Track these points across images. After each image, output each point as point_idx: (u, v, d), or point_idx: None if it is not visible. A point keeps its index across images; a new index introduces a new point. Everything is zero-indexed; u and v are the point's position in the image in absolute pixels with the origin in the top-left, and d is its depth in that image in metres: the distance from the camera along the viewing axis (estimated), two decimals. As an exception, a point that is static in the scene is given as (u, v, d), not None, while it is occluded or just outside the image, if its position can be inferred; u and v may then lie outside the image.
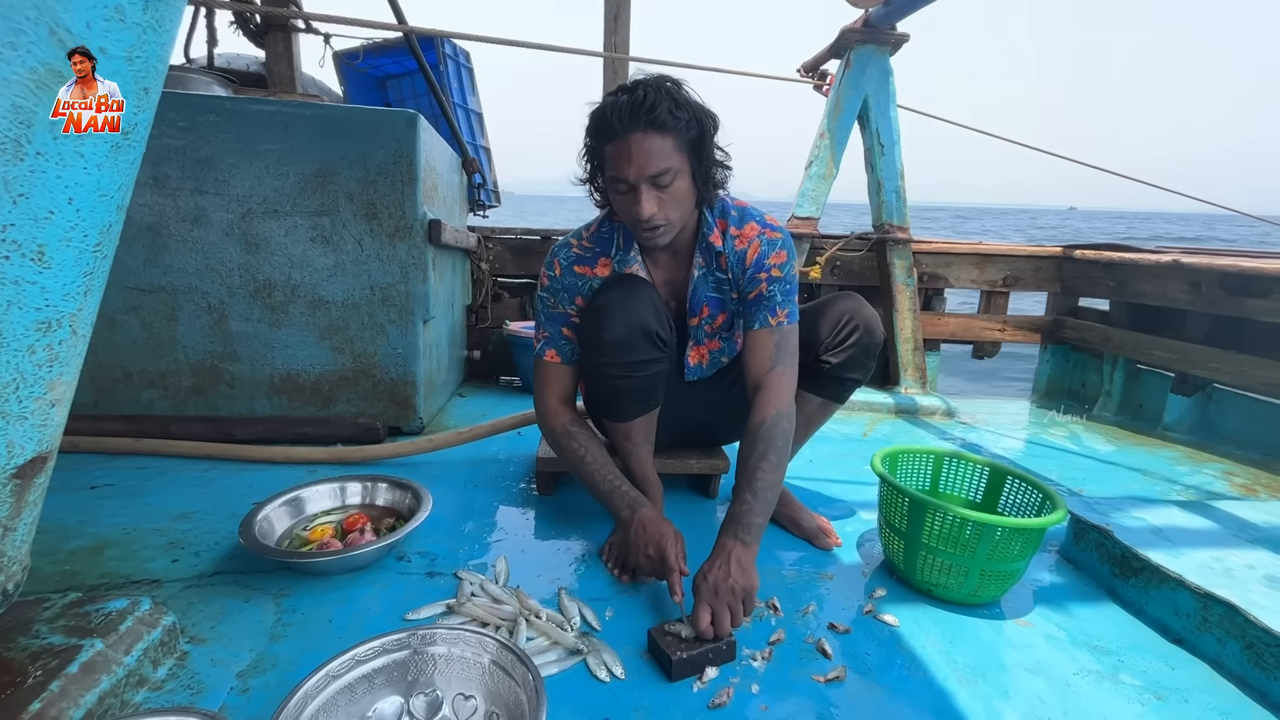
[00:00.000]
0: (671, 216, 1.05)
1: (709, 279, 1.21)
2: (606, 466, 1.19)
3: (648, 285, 1.17)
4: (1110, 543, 1.20)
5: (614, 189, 1.06)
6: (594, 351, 1.15)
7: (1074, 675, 0.97)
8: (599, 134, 1.03)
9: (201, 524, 1.30)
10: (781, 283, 1.16)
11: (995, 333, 2.77)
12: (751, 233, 1.18)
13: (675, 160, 1.01)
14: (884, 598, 1.14)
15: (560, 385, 1.26)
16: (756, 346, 1.16)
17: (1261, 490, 1.78)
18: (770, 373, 1.14)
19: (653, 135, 0.98)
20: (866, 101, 2.46)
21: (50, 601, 0.89)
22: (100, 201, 0.64)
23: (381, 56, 3.09)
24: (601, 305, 1.13)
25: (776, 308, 1.16)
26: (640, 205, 1.02)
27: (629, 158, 1.00)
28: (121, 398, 1.77)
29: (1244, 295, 2.01)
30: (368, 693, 0.78)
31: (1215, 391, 2.23)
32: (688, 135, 1.02)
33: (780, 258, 1.17)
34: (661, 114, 0.98)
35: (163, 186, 1.67)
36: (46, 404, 0.66)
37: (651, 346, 1.14)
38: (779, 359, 1.15)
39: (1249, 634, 0.95)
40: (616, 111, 0.99)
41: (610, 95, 1.03)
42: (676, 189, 1.03)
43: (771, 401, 1.12)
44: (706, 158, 1.06)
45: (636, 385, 1.17)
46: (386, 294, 1.81)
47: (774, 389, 1.13)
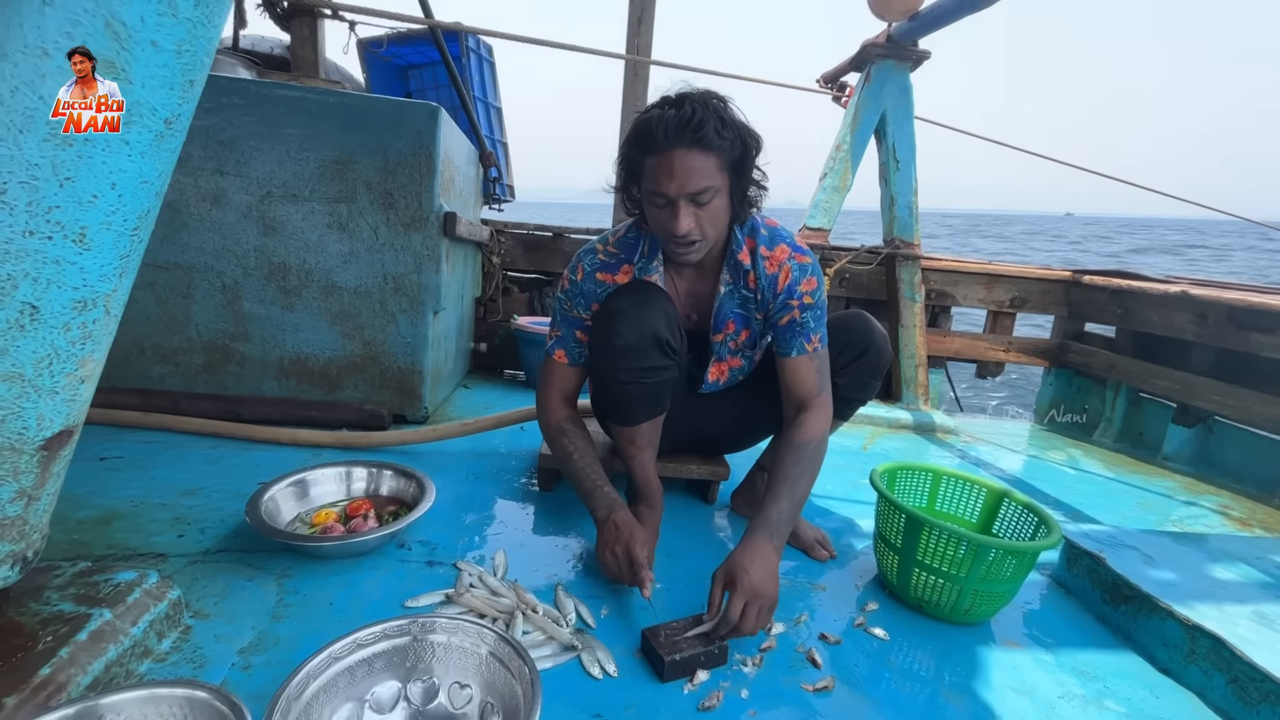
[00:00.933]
0: (708, 234, 1.05)
1: (735, 296, 1.20)
2: (592, 466, 1.20)
3: (661, 293, 1.17)
4: (1102, 570, 1.21)
5: (651, 202, 1.05)
6: (604, 355, 1.16)
7: (1059, 698, 0.98)
8: (641, 145, 1.02)
9: (208, 500, 1.32)
10: (814, 309, 1.17)
11: (1000, 353, 2.78)
12: (782, 255, 1.17)
13: (717, 179, 1.00)
14: (876, 611, 1.15)
15: (564, 384, 1.27)
16: (799, 373, 1.18)
17: (1256, 526, 1.78)
18: (818, 397, 1.18)
19: (697, 153, 0.98)
20: (884, 116, 2.47)
21: (61, 569, 0.91)
22: (141, 188, 0.66)
23: (405, 46, 3.12)
24: (615, 310, 1.14)
25: (811, 334, 1.17)
26: (678, 221, 1.01)
27: (671, 173, 0.99)
28: (133, 371, 1.79)
29: (1250, 330, 2.01)
30: (367, 676, 0.80)
31: (1216, 424, 2.24)
32: (730, 155, 1.01)
33: (811, 284, 1.16)
34: (708, 133, 0.97)
35: (184, 166, 1.68)
36: (77, 380, 0.68)
37: (661, 354, 1.15)
38: (822, 385, 1.18)
39: (1235, 668, 0.96)
40: (663, 125, 0.97)
41: (655, 107, 1.02)
42: (714, 207, 1.03)
43: (818, 424, 1.15)
44: (746, 177, 1.06)
45: (644, 391, 1.18)
46: (399, 283, 1.83)
47: (820, 412, 1.17)
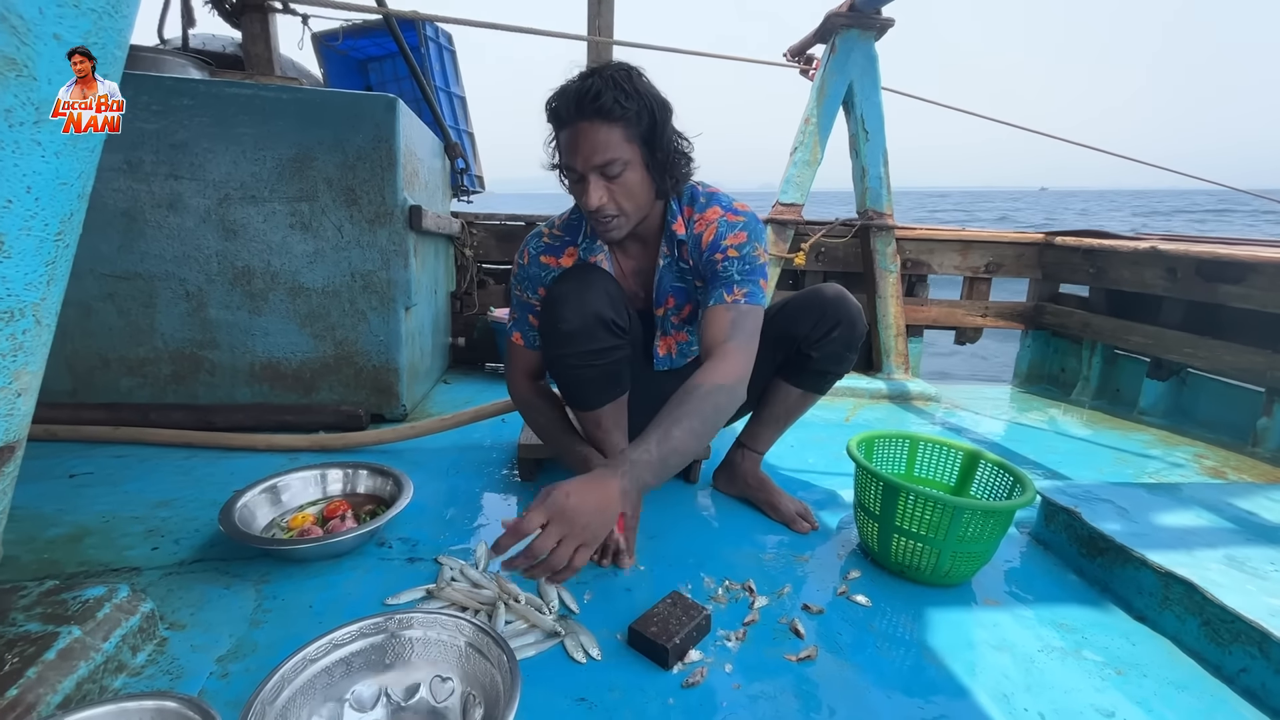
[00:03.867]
0: (624, 207, 1.05)
1: (673, 269, 1.20)
2: (560, 428, 1.27)
3: (602, 274, 1.16)
4: (1078, 524, 1.23)
5: (566, 177, 1.06)
6: (553, 342, 1.14)
7: (1038, 652, 1.00)
8: (553, 120, 1.03)
9: (182, 511, 1.30)
10: (739, 262, 1.12)
11: (977, 319, 2.80)
12: (713, 215, 1.16)
13: (624, 151, 1.00)
14: (858, 579, 1.16)
15: (526, 364, 1.31)
16: (711, 322, 1.09)
17: (1230, 472, 1.82)
18: (723, 345, 1.06)
19: (599, 124, 0.98)
20: (851, 87, 2.45)
21: (27, 590, 0.89)
22: (60, 190, 0.64)
23: (362, 38, 3.04)
24: (557, 296, 1.13)
25: (734, 285, 1.10)
26: (588, 195, 1.02)
27: (576, 147, 1.00)
28: (100, 385, 1.75)
29: (1218, 281, 2.04)
30: (345, 676, 0.79)
31: (1189, 376, 2.28)
32: (638, 125, 1.00)
33: (738, 238, 1.12)
34: (606, 102, 0.96)
35: (137, 171, 1.64)
36: (12, 394, 0.66)
37: (609, 334, 1.13)
38: (733, 335, 1.07)
39: (1207, 611, 0.98)
40: (564, 99, 0.99)
41: (567, 82, 1.02)
42: (627, 180, 1.03)
43: (716, 370, 1.02)
44: (662, 148, 1.05)
45: (598, 373, 1.16)
46: (367, 280, 1.80)
47: (724, 361, 1.03)
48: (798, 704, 0.86)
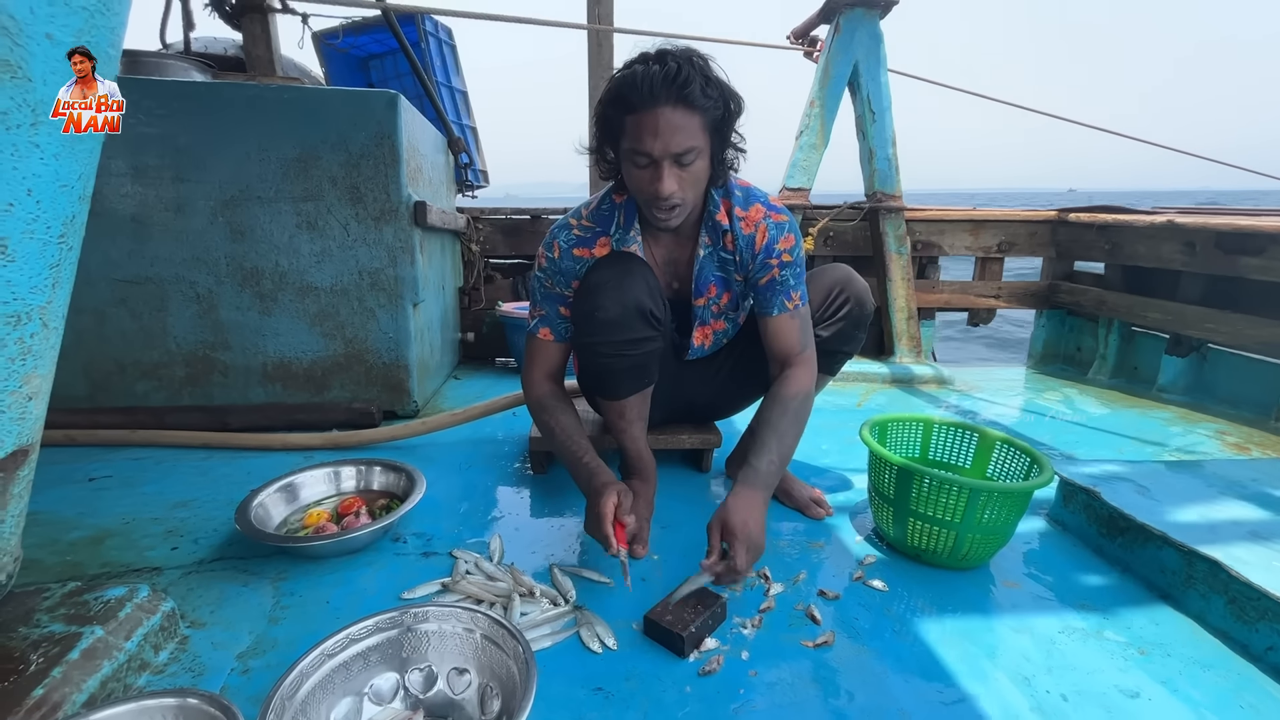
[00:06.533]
0: (688, 197, 1.02)
1: (714, 258, 1.18)
2: (574, 439, 1.17)
3: (642, 264, 1.15)
4: (1098, 504, 1.21)
5: (633, 162, 1.00)
6: (587, 330, 1.13)
7: (1059, 633, 0.98)
8: (621, 103, 0.97)
9: (200, 512, 1.31)
10: (793, 267, 1.15)
11: (990, 300, 2.76)
12: (757, 215, 1.14)
13: (700, 140, 0.97)
14: (874, 564, 1.16)
15: (548, 361, 1.24)
16: (782, 331, 1.17)
17: (1254, 448, 1.79)
18: (802, 354, 1.17)
19: (682, 111, 0.94)
20: (857, 67, 2.42)
21: (50, 591, 0.90)
22: (61, 192, 0.63)
23: (362, 35, 3.04)
24: (596, 284, 1.11)
25: (791, 291, 1.15)
26: (662, 182, 0.97)
27: (655, 132, 0.95)
28: (116, 390, 1.77)
29: (1238, 254, 1.99)
30: (363, 670, 0.80)
31: (1210, 352, 2.23)
32: (713, 115, 0.98)
33: (789, 241, 1.14)
34: (694, 90, 0.93)
35: (142, 176, 1.65)
36: (23, 398, 0.66)
37: (646, 325, 1.12)
38: (805, 342, 1.17)
39: (1232, 589, 0.97)
40: (648, 81, 0.93)
41: (637, 63, 0.97)
42: (696, 169, 1.00)
43: (803, 379, 1.15)
44: (726, 139, 1.04)
45: (630, 364, 1.16)
46: (375, 278, 1.80)
47: (805, 368, 1.16)
48: (815, 690, 0.86)
